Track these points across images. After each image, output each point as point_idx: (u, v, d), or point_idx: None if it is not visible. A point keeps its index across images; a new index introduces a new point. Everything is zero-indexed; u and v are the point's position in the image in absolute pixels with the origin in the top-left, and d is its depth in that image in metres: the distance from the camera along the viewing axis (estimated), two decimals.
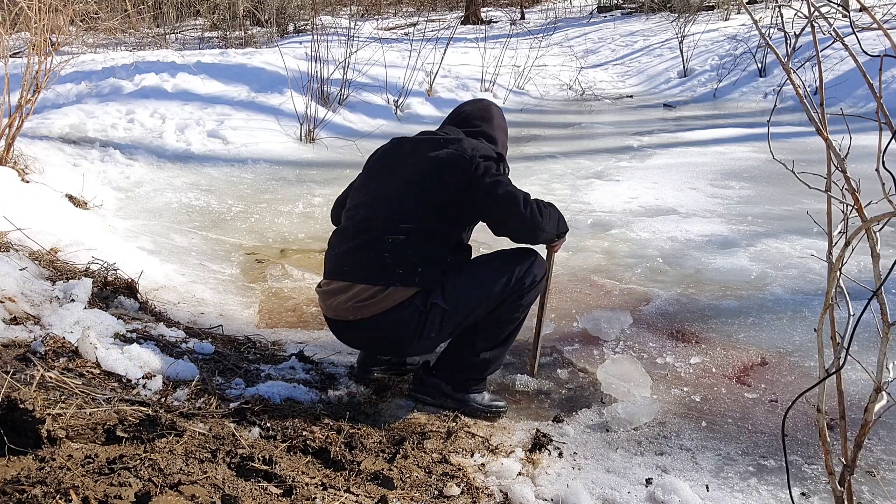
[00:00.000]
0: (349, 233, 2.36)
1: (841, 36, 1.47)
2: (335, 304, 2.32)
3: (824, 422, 1.55)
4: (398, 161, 2.42)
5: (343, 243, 2.36)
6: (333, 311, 2.35)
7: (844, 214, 1.49)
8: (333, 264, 2.38)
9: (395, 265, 2.21)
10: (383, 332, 2.26)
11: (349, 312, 2.29)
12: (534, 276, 2.34)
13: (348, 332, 2.37)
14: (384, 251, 2.23)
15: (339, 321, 2.35)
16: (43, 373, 1.93)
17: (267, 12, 15.12)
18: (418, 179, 2.31)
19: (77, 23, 6.42)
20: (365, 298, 2.24)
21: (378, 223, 2.28)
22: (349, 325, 2.33)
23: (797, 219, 4.42)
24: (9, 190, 3.88)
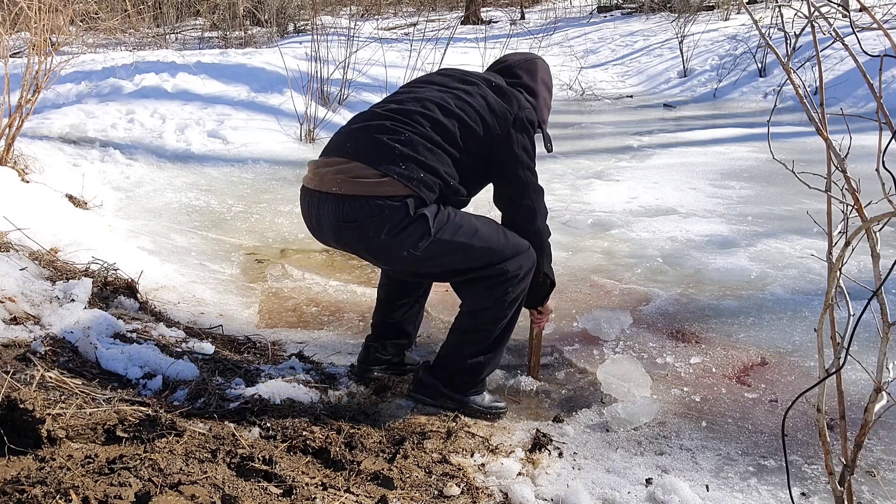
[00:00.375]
0: (366, 115, 2.20)
1: (841, 36, 1.47)
2: (322, 173, 2.11)
3: (824, 422, 1.55)
4: (444, 81, 2.27)
5: (356, 122, 2.20)
6: (317, 182, 2.12)
7: (844, 214, 1.49)
8: (337, 141, 2.20)
9: (403, 158, 2.04)
10: (359, 216, 2.03)
11: (334, 184, 2.06)
12: (520, 265, 2.21)
13: (321, 207, 2.11)
14: (397, 141, 2.06)
15: (316, 192, 2.12)
16: (43, 373, 1.93)
17: (267, 12, 15.12)
18: (461, 104, 2.16)
19: (77, 23, 6.42)
20: (358, 175, 2.03)
21: (401, 114, 2.12)
22: (324, 198, 2.09)
23: (797, 219, 4.42)
24: (9, 190, 3.88)
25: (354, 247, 2.17)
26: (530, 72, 2.43)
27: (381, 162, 2.03)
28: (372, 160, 2.04)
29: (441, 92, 2.21)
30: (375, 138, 2.08)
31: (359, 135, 2.14)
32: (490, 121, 2.17)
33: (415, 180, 2.04)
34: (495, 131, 2.17)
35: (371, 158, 2.05)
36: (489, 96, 2.20)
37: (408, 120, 2.11)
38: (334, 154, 2.16)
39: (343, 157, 2.10)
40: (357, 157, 2.07)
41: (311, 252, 4.16)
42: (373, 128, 2.12)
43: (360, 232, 2.06)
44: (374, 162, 2.04)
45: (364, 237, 2.06)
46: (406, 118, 2.12)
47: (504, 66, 2.45)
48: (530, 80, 2.40)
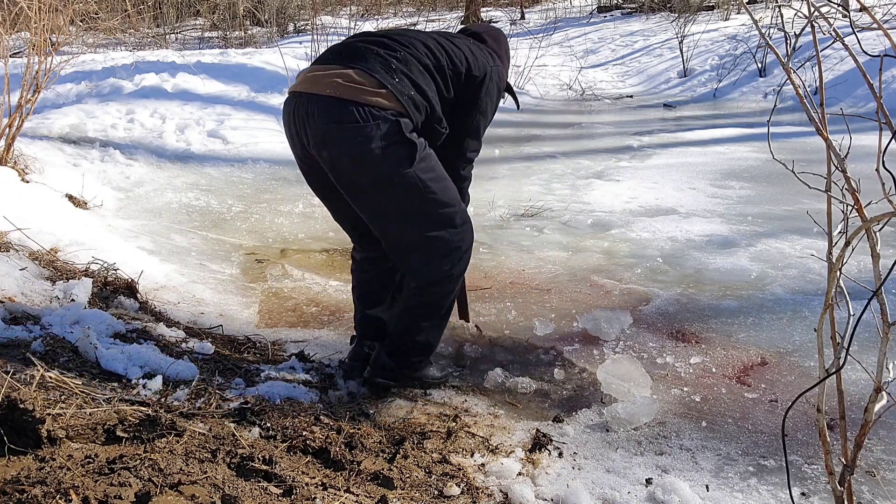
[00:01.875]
0: (364, 33, 2.33)
1: (841, 36, 1.47)
2: (316, 77, 2.15)
3: (824, 422, 1.55)
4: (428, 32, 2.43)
5: (355, 39, 2.29)
6: (308, 85, 2.16)
7: (844, 214, 1.49)
8: (333, 50, 2.27)
9: (398, 73, 2.13)
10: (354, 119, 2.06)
11: (329, 87, 2.09)
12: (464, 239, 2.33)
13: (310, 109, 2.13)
14: (394, 56, 2.16)
15: (306, 94, 2.15)
16: (43, 373, 1.93)
17: (267, 12, 15.12)
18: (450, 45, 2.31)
19: (77, 23, 6.42)
20: (354, 81, 2.08)
21: (399, 37, 2.26)
22: (317, 100, 2.11)
23: (797, 219, 4.42)
24: (9, 190, 3.88)
25: (337, 151, 2.13)
26: (497, 40, 2.56)
27: (378, 71, 2.10)
28: (369, 68, 2.11)
29: (429, 33, 2.36)
30: (373, 50, 2.17)
31: (357, 46, 2.22)
32: (472, 63, 2.30)
33: (406, 96, 2.11)
34: (474, 73, 2.30)
35: (369, 67, 2.12)
36: (472, 44, 2.37)
37: (405, 42, 2.23)
38: (329, 62, 2.21)
39: (338, 64, 2.15)
40: (354, 65, 2.13)
41: (311, 252, 4.16)
42: (371, 41, 2.22)
43: (350, 136, 2.08)
44: (371, 70, 2.11)
45: (353, 142, 2.08)
46: (403, 41, 2.24)
47: (472, 31, 2.56)
48: (497, 47, 2.52)
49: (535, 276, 3.75)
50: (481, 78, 2.31)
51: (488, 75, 2.33)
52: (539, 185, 5.64)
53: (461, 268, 2.37)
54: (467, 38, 2.42)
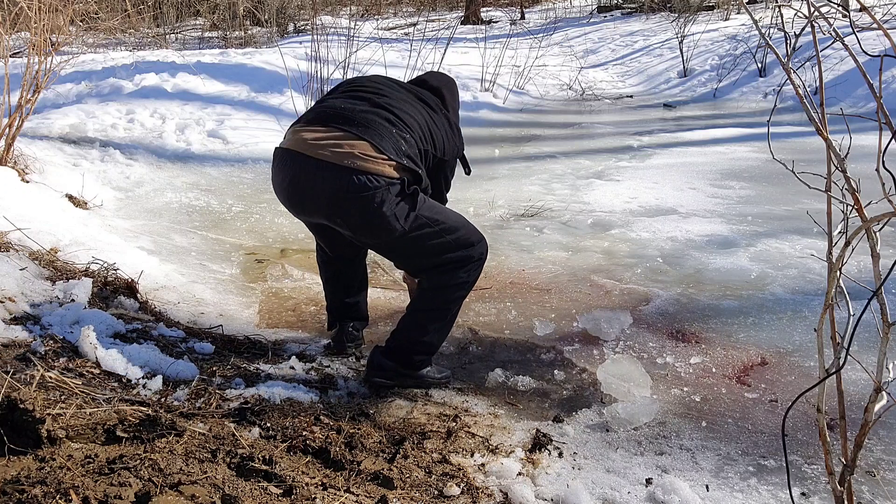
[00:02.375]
0: (367, 100, 2.40)
1: (841, 36, 1.47)
2: (326, 144, 2.25)
3: (824, 422, 1.55)
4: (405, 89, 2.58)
5: (357, 103, 2.38)
6: (316, 150, 2.26)
7: (844, 214, 1.49)
8: (339, 113, 2.34)
9: (405, 149, 2.33)
10: (368, 188, 2.22)
11: (340, 156, 2.22)
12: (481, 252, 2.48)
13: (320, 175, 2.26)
14: (400, 134, 2.34)
15: (315, 159, 2.25)
16: (43, 373, 1.93)
17: (267, 12, 15.12)
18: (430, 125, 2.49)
19: (77, 23, 6.42)
20: (369, 154, 2.24)
21: (400, 115, 2.39)
22: (328, 168, 2.23)
23: (797, 219, 4.42)
24: (9, 190, 3.88)
25: (348, 215, 2.31)
26: (452, 92, 2.78)
27: (390, 148, 2.28)
28: (383, 144, 2.27)
29: (423, 108, 2.52)
30: (384, 126, 2.33)
31: (364, 116, 2.33)
32: (449, 148, 2.58)
33: (409, 171, 2.34)
34: (447, 156, 2.58)
35: (382, 142, 2.27)
36: (447, 125, 2.59)
37: (404, 122, 2.39)
38: (331, 124, 2.31)
39: (350, 131, 2.28)
40: (367, 137, 2.27)
41: (310, 252, 4.15)
42: (381, 116, 2.35)
43: (363, 202, 2.24)
44: (384, 146, 2.27)
45: (366, 208, 2.25)
46: (404, 120, 2.39)
47: (431, 86, 2.71)
48: (453, 101, 2.76)
49: (535, 276, 3.75)
50: (451, 161, 2.64)
51: (457, 157, 2.67)
52: (539, 185, 5.64)
53: (476, 276, 2.50)
54: (443, 113, 2.59)
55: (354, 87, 2.53)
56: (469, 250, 2.43)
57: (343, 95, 2.48)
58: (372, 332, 3.07)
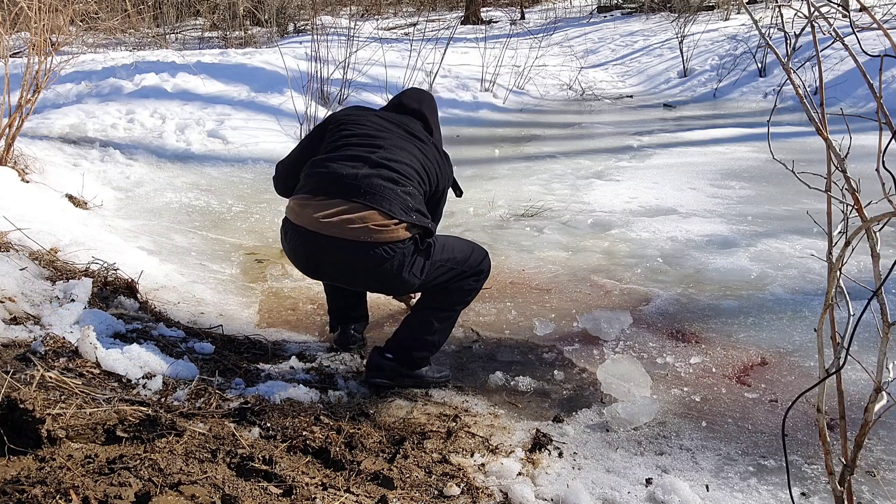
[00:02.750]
0: (365, 160, 2.39)
1: (841, 36, 1.47)
2: (336, 221, 2.28)
3: (824, 422, 1.55)
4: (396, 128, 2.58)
5: (357, 166, 2.38)
6: (326, 227, 2.29)
7: (844, 214, 1.49)
8: (342, 182, 2.34)
9: (411, 208, 2.37)
10: (385, 259, 2.30)
11: (357, 233, 2.27)
12: (488, 265, 2.65)
13: (335, 251, 2.31)
14: (405, 192, 2.38)
15: (327, 237, 2.30)
16: (43, 373, 1.93)
17: (267, 12, 15.12)
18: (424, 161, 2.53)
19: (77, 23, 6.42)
20: (379, 224, 2.28)
21: (398, 166, 2.41)
22: (343, 244, 2.29)
23: (797, 219, 4.42)
24: (9, 190, 3.88)
25: (368, 282, 2.47)
26: (433, 111, 2.80)
27: (397, 212, 2.32)
28: (391, 209, 2.31)
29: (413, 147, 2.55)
30: (388, 188, 2.34)
31: (369, 182, 2.34)
32: (442, 178, 2.64)
33: (419, 227, 2.38)
34: (441, 186, 2.66)
35: (389, 207, 2.31)
36: (437, 155, 2.63)
37: (406, 175, 2.43)
38: (339, 196, 2.32)
39: (357, 202, 2.30)
40: (374, 204, 2.30)
41: None
42: (383, 175, 2.37)
43: (382, 272, 2.33)
44: (393, 210, 2.31)
45: (385, 275, 2.35)
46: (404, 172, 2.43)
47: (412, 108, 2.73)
48: (435, 119, 2.79)
49: (535, 276, 3.75)
50: (444, 189, 2.71)
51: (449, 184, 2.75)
52: (539, 185, 5.63)
53: (483, 283, 2.66)
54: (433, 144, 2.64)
55: (348, 141, 2.48)
56: (479, 266, 2.60)
57: (340, 156, 2.43)
58: (373, 333, 3.08)
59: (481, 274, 2.62)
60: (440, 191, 2.66)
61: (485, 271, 2.63)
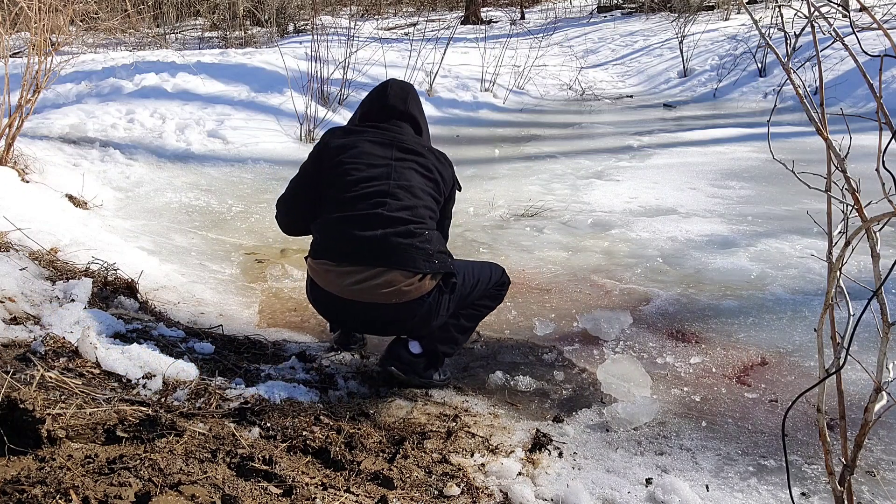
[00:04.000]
0: (379, 219, 2.38)
1: (841, 36, 1.47)
2: (363, 287, 2.34)
3: (824, 422, 1.55)
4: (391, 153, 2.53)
5: (374, 223, 2.37)
6: (356, 293, 2.36)
7: (844, 214, 1.49)
8: (363, 247, 2.35)
9: (432, 256, 2.39)
10: (416, 314, 2.40)
11: (387, 296, 2.34)
12: (507, 277, 2.75)
13: (370, 314, 2.40)
14: (422, 241, 2.39)
15: (360, 303, 2.38)
16: (43, 373, 1.93)
17: (267, 12, 15.12)
18: (426, 184, 2.53)
19: (77, 23, 6.42)
20: (404, 283, 2.33)
21: (409, 213, 2.41)
22: (375, 308, 2.38)
23: (797, 219, 4.42)
24: (9, 190, 3.88)
25: (400, 331, 2.56)
26: (417, 104, 2.74)
27: (421, 266, 2.36)
28: (411, 266, 2.34)
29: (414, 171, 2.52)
30: (406, 245, 2.36)
31: (388, 243, 2.36)
32: (444, 188, 2.62)
33: (442, 267, 2.42)
34: (446, 193, 2.65)
35: (410, 264, 2.34)
36: (436, 164, 2.60)
37: (418, 219, 2.43)
38: (362, 262, 2.36)
39: (380, 266, 2.34)
40: (396, 265, 2.34)
41: None
42: (396, 234, 2.37)
43: (415, 323, 2.44)
44: (417, 265, 2.35)
45: (417, 322, 2.45)
46: (416, 216, 2.43)
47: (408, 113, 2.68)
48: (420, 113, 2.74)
49: (535, 276, 3.75)
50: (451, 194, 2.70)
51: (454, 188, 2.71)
52: (539, 185, 5.63)
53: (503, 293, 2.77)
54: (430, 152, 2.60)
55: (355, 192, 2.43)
56: (500, 279, 2.70)
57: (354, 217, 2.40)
58: None
59: (504, 286, 2.74)
60: (447, 196, 2.65)
61: (506, 283, 2.74)
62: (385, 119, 2.64)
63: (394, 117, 2.64)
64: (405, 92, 2.72)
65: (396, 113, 2.65)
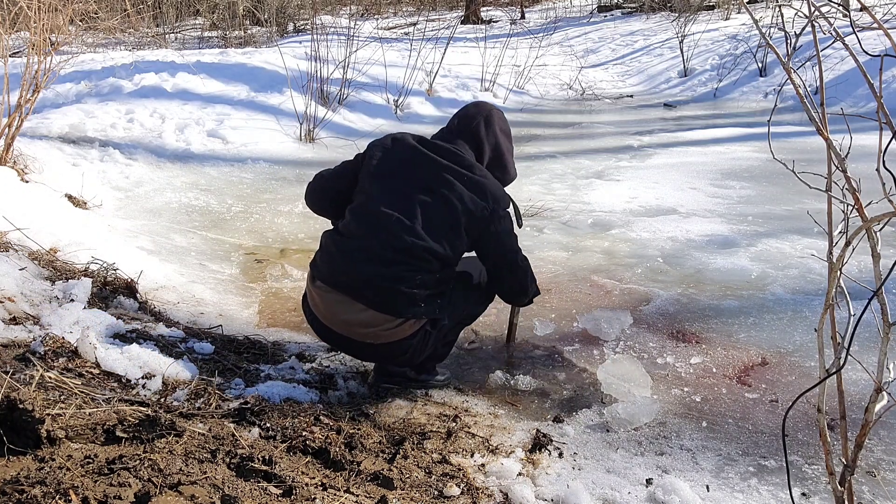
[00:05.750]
0: (380, 259, 2.26)
1: (841, 36, 1.47)
2: (343, 318, 2.35)
3: (825, 422, 1.55)
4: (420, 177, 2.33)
5: (372, 261, 2.27)
6: (339, 326, 2.38)
7: (845, 214, 1.48)
8: (354, 280, 2.28)
9: (420, 300, 2.30)
10: (395, 354, 2.41)
11: (366, 337, 2.35)
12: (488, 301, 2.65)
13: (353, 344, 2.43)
14: (413, 286, 2.28)
15: (344, 336, 2.40)
16: (43, 373, 1.93)
17: (267, 12, 15.11)
18: (443, 221, 2.29)
19: (77, 22, 6.41)
20: (387, 327, 2.32)
21: (404, 255, 2.26)
22: (356, 344, 2.41)
23: (797, 219, 4.42)
24: (8, 190, 3.88)
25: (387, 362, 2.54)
26: (492, 131, 2.50)
27: (400, 311, 2.29)
28: (391, 311, 2.28)
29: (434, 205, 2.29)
30: (387, 288, 2.27)
31: (377, 284, 2.27)
32: (474, 230, 2.34)
33: (435, 309, 2.36)
34: (475, 233, 2.35)
35: (390, 309, 2.28)
36: (465, 195, 2.30)
37: (414, 261, 2.27)
38: (353, 296, 2.30)
39: (364, 305, 2.29)
40: (381, 309, 2.28)
41: (310, 252, 4.14)
42: (389, 276, 2.26)
43: (399, 360, 2.46)
44: (397, 313, 2.29)
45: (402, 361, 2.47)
46: (412, 258, 2.27)
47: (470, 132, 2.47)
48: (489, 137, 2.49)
49: (536, 276, 3.74)
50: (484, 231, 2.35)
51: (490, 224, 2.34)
52: (539, 185, 5.63)
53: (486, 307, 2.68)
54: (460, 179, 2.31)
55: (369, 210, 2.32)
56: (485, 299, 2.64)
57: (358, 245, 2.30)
58: None
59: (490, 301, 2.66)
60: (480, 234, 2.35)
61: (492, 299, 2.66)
62: (451, 135, 2.46)
63: (457, 135, 2.46)
64: (482, 112, 2.50)
65: (458, 131, 2.46)
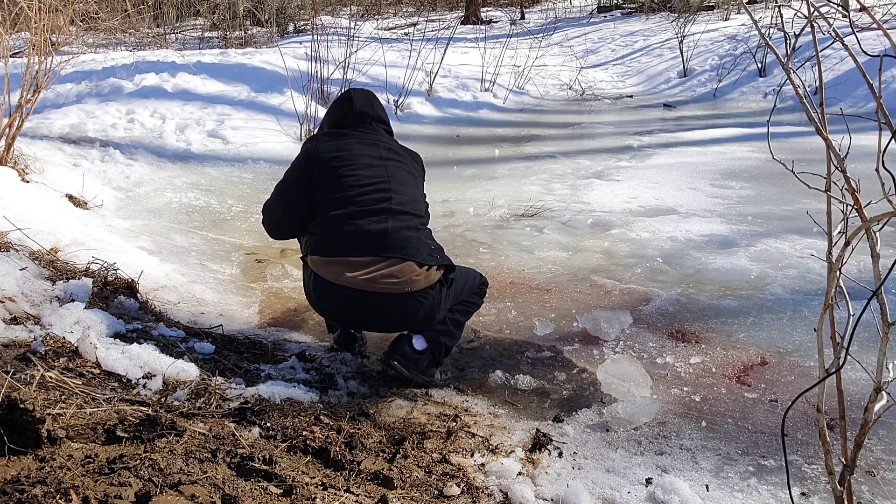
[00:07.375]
0: (389, 213, 2.47)
1: (841, 36, 1.47)
2: (378, 276, 2.39)
3: (824, 422, 1.55)
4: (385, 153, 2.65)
5: (381, 219, 2.46)
6: (368, 284, 2.40)
7: (844, 214, 1.49)
8: (374, 238, 2.42)
9: (433, 249, 2.52)
10: (424, 304, 2.47)
11: (399, 286, 2.41)
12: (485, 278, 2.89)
13: (384, 305, 2.45)
14: (426, 236, 2.54)
15: (374, 293, 2.41)
16: (43, 373, 1.93)
17: (267, 12, 15.12)
18: (416, 182, 2.69)
19: (77, 23, 6.41)
20: (416, 273, 2.42)
21: (412, 207, 2.54)
22: (391, 298, 2.43)
23: (797, 219, 4.42)
24: (9, 190, 3.88)
25: (407, 325, 2.59)
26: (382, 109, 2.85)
27: (427, 258, 2.46)
28: (420, 257, 2.45)
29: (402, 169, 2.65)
30: (414, 237, 2.48)
31: (398, 235, 2.45)
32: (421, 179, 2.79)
33: (444, 261, 2.53)
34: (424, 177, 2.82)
35: (419, 255, 2.45)
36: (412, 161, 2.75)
37: (419, 214, 2.59)
38: (373, 253, 2.42)
39: (392, 257, 2.42)
40: (408, 256, 2.43)
41: None
42: (405, 227, 2.49)
43: (421, 315, 2.51)
44: (424, 258, 2.45)
45: (424, 317, 2.52)
46: (417, 211, 2.57)
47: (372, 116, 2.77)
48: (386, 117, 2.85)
49: (535, 276, 3.75)
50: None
51: None
52: (539, 185, 5.63)
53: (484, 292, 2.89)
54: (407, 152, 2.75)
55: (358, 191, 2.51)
56: (481, 279, 2.83)
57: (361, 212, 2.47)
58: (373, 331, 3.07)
59: (484, 285, 2.86)
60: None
61: (486, 283, 2.88)
62: (360, 124, 2.72)
63: (371, 121, 2.74)
64: (370, 98, 2.82)
65: (369, 118, 2.74)
